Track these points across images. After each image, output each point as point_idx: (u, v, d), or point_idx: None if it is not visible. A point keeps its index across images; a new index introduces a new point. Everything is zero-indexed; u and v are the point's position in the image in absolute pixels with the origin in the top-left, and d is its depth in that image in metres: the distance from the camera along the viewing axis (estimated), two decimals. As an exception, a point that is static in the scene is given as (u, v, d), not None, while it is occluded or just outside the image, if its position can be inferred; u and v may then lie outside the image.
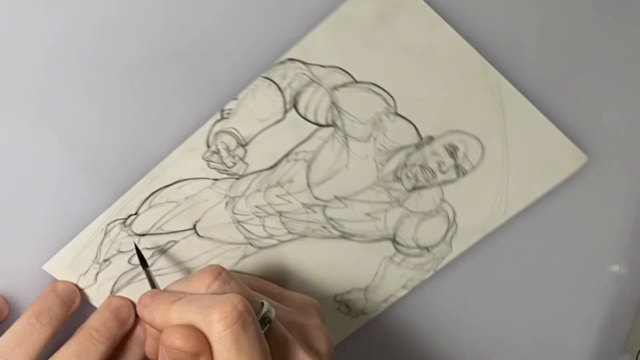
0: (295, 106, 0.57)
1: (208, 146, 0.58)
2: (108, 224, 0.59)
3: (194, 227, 0.60)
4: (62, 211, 0.58)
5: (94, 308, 0.61)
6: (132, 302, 0.60)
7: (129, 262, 0.60)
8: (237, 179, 0.59)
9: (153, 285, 0.58)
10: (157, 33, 0.54)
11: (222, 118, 0.57)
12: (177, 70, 0.55)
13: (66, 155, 0.56)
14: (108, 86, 0.55)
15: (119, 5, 0.53)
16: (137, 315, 0.59)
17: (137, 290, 0.60)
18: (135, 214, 0.59)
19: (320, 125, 0.58)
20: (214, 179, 0.59)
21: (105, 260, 0.60)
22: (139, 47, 0.54)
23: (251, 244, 0.62)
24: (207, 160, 0.58)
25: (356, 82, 0.57)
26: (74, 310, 0.59)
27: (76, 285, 0.60)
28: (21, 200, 0.57)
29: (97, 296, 0.61)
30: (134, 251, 0.60)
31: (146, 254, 0.60)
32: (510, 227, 0.65)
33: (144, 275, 0.59)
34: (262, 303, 0.52)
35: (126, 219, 0.59)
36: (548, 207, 0.65)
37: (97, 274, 0.60)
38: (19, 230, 0.58)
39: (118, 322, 0.58)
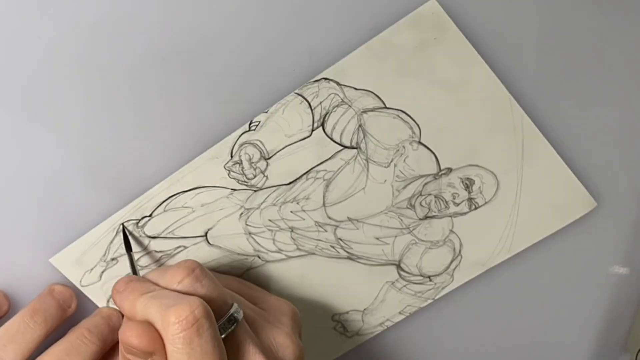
0: (322, 125, 0.57)
1: (231, 156, 0.57)
2: (121, 224, 0.58)
3: (205, 235, 0.60)
4: (64, 211, 0.58)
5: (91, 312, 0.60)
6: (120, 312, 0.60)
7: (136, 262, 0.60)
8: (255, 191, 0.59)
9: (134, 270, 0.58)
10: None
11: (250, 130, 0.57)
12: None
13: (69, 155, 0.56)
14: (107, 87, 0.55)
15: (119, 5, 0.53)
16: None
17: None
18: (150, 216, 0.58)
19: (344, 147, 0.58)
20: (232, 189, 0.59)
21: (112, 259, 0.59)
22: (149, 47, 0.54)
23: (259, 257, 0.62)
24: (228, 170, 0.58)
25: (386, 107, 0.57)
26: (70, 315, 0.59)
27: (74, 290, 0.60)
28: (21, 200, 0.57)
29: (100, 294, 0.60)
30: (143, 252, 0.59)
31: (154, 257, 0.60)
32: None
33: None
34: (232, 303, 0.52)
35: (139, 220, 0.58)
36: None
37: (102, 272, 0.59)
38: (21, 228, 0.58)
39: (109, 327, 0.58)
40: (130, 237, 0.59)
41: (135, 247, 0.59)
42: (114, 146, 0.56)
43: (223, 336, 0.50)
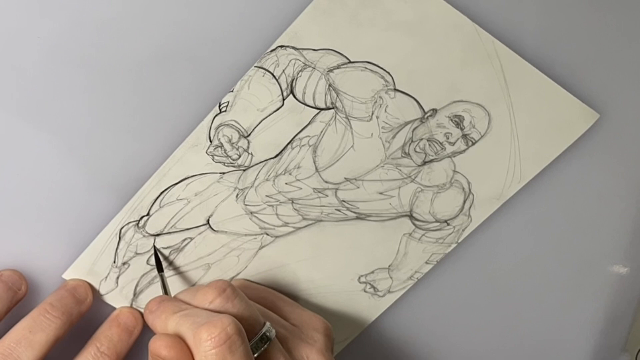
0: (292, 92, 0.57)
1: (210, 141, 0.58)
2: (121, 228, 0.59)
3: (208, 222, 0.61)
4: (66, 216, 0.59)
5: (111, 309, 0.62)
6: (90, 285, 0.60)
7: (147, 263, 0.61)
8: (244, 170, 0.59)
9: (165, 290, 0.59)
10: (150, 33, 0.54)
11: (221, 111, 0.57)
12: (171, 68, 0.56)
13: (67, 158, 0.57)
14: (105, 87, 0.55)
15: (117, 6, 0.53)
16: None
17: (160, 290, 0.61)
18: (147, 214, 0.59)
19: (320, 109, 0.58)
20: (221, 173, 0.59)
21: (124, 264, 0.60)
22: (131, 48, 0.55)
23: (267, 234, 0.62)
24: (211, 155, 0.58)
25: (350, 62, 0.57)
26: (86, 309, 0.60)
27: (90, 285, 0.60)
28: (21, 205, 0.58)
29: (120, 299, 0.62)
30: (151, 252, 0.60)
31: (163, 254, 0.61)
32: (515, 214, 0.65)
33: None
34: (265, 322, 0.53)
35: (139, 220, 0.59)
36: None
37: (117, 277, 0.61)
38: (24, 235, 0.59)
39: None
40: (161, 257, 0.60)
41: (142, 248, 0.60)
42: (111, 147, 0.57)
43: (256, 355, 0.51)
